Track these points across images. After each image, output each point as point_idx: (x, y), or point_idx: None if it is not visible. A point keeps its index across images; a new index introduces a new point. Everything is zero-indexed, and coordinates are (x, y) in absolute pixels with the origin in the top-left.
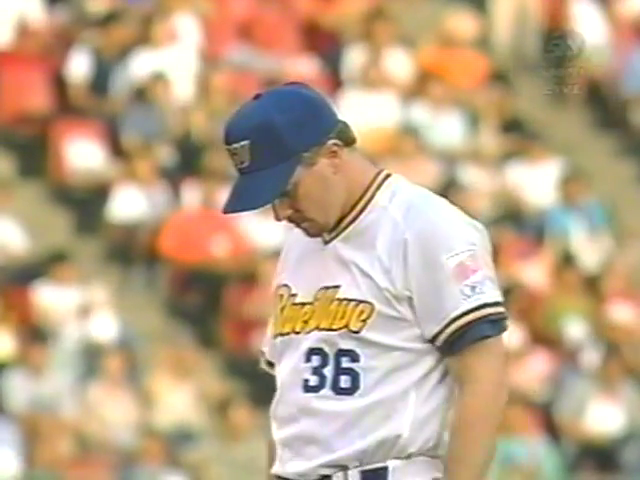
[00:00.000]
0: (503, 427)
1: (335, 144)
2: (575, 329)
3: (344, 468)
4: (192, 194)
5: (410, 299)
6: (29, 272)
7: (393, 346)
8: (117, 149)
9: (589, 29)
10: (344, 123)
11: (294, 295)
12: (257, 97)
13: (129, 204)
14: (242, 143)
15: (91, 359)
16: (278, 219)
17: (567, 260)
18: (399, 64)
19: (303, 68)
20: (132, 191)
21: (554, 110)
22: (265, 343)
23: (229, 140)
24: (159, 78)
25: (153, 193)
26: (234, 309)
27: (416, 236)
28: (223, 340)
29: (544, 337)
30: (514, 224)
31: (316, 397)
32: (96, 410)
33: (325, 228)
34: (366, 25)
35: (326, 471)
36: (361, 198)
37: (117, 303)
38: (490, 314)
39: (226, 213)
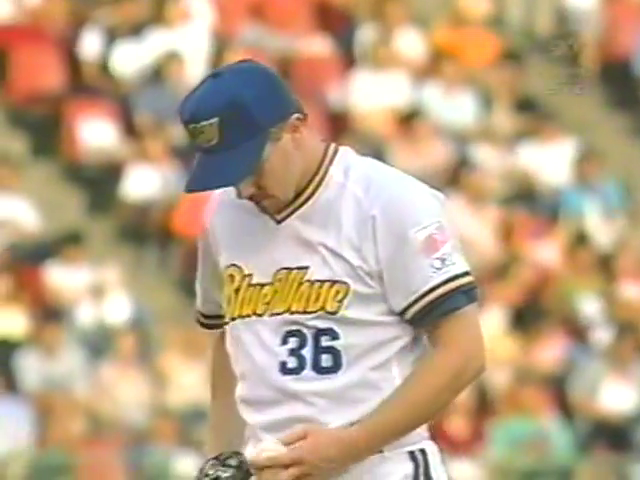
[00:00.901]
0: (516, 405)
1: (298, 118)
2: (588, 308)
3: None
4: None
5: (381, 275)
6: (42, 251)
7: (371, 321)
8: (130, 128)
9: (598, 7)
10: (297, 98)
11: (249, 275)
12: (216, 75)
13: (142, 183)
14: (211, 121)
15: (104, 338)
16: (240, 197)
17: (581, 239)
18: (411, 43)
19: (315, 47)
20: (145, 170)
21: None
22: (199, 299)
23: (196, 119)
24: (172, 57)
25: (166, 172)
26: None
27: (382, 211)
28: None
29: (557, 316)
30: (527, 203)
31: (296, 379)
32: (109, 389)
33: (281, 205)
34: (378, 4)
35: None
36: (315, 174)
37: (130, 282)
38: (462, 285)
39: (192, 191)
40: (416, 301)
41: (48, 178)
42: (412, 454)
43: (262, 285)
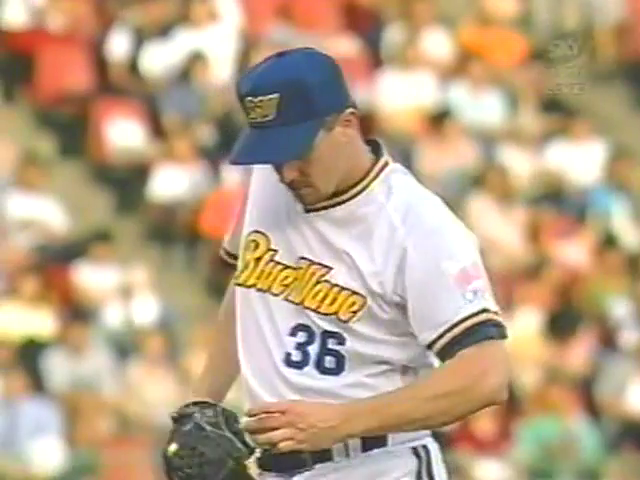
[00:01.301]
0: (544, 405)
1: (352, 113)
2: (616, 308)
3: None
4: (231, 173)
5: (399, 304)
6: (70, 252)
7: (378, 339)
8: (157, 128)
9: (624, 6)
10: (356, 104)
11: (274, 250)
12: (281, 55)
13: (169, 183)
14: (271, 96)
15: (131, 338)
16: (282, 181)
17: (609, 240)
18: (438, 43)
19: (343, 47)
20: (172, 170)
21: (595, 88)
22: (229, 236)
23: (256, 92)
24: (199, 57)
25: (193, 172)
26: None
27: (416, 245)
28: None
29: (586, 317)
30: (555, 204)
31: (299, 374)
32: (136, 389)
33: (321, 198)
34: (405, 4)
35: None
36: (358, 183)
37: (157, 282)
38: (493, 320)
39: (236, 164)
40: (446, 332)
41: (76, 178)
42: (415, 450)
43: (285, 266)
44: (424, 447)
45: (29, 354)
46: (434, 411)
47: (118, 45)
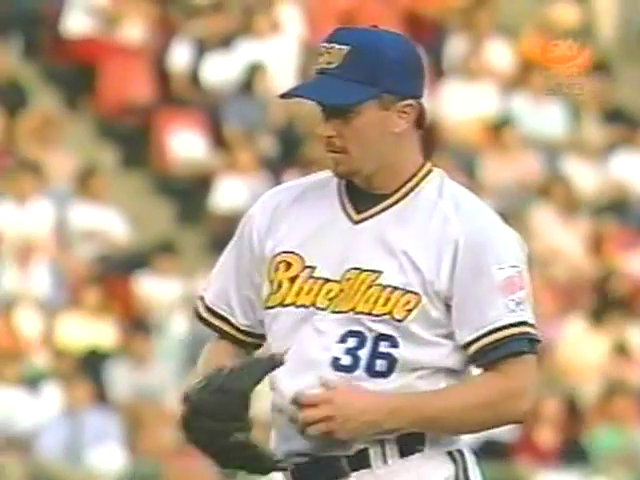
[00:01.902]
0: (607, 417)
1: (411, 105)
2: None
3: (381, 441)
4: None
5: (447, 299)
6: (132, 262)
7: (428, 340)
8: (219, 139)
9: None
10: (425, 107)
11: (311, 267)
12: (375, 26)
13: (231, 194)
14: (342, 47)
15: (194, 349)
16: (320, 135)
17: None
18: (500, 54)
19: None
20: (234, 181)
21: None
22: (209, 288)
23: (332, 39)
24: (261, 68)
25: (255, 183)
26: None
27: (468, 240)
28: None
29: None
30: (618, 214)
31: (347, 378)
32: None
33: (353, 172)
34: (467, 15)
35: (363, 444)
36: (406, 183)
37: None
38: (530, 333)
39: (284, 96)
40: (484, 336)
41: (138, 189)
42: (451, 454)
43: (327, 280)
44: (459, 452)
45: (92, 364)
46: (465, 420)
47: (180, 56)
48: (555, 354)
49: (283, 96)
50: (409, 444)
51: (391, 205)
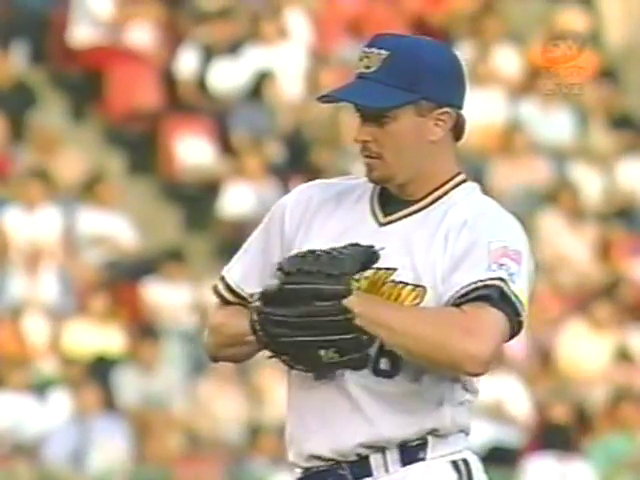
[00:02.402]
0: (615, 422)
1: (448, 113)
2: None
3: (382, 449)
4: None
5: (445, 276)
6: (140, 269)
7: None
8: (227, 146)
9: None
10: (464, 118)
11: None
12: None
13: (239, 200)
14: (382, 51)
15: (201, 356)
16: (356, 139)
17: None
18: (508, 60)
19: None
20: (242, 187)
21: None
22: (231, 269)
23: (372, 43)
24: (269, 75)
25: (263, 189)
26: None
27: (474, 218)
28: None
29: None
30: (626, 221)
31: (355, 375)
32: (206, 406)
33: (387, 179)
34: (475, 21)
35: (364, 451)
36: (435, 190)
37: None
38: (502, 287)
39: (322, 99)
40: (460, 289)
41: (146, 195)
42: (455, 464)
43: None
44: (464, 461)
45: (99, 370)
46: (417, 336)
47: (188, 63)
48: (562, 360)
49: (321, 99)
50: (410, 452)
51: (418, 210)
